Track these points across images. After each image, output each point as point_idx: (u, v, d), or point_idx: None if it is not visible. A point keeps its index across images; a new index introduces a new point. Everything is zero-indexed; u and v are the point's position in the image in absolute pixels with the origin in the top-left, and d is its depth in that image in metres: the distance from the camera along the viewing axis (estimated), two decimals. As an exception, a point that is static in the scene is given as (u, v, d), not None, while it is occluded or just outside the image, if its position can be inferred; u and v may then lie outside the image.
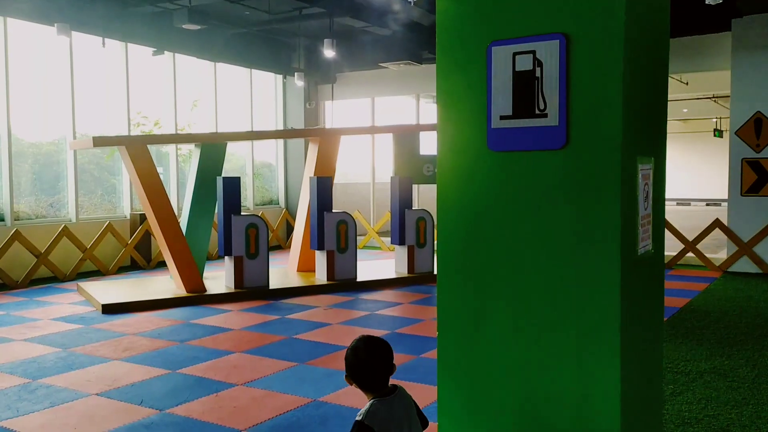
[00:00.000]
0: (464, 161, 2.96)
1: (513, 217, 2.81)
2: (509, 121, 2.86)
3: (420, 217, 9.85)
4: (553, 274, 2.66)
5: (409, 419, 2.57)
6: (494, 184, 2.88)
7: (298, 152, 14.78)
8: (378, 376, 2.53)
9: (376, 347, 2.57)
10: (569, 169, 2.68)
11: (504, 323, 2.78)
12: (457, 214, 2.96)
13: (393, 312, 7.68)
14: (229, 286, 8.63)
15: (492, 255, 2.84)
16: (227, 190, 8.48)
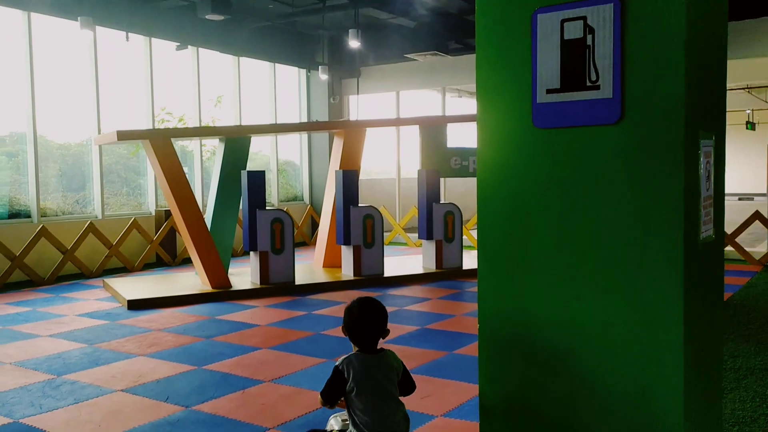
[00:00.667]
0: (507, 140, 2.75)
1: (562, 200, 2.60)
2: (557, 95, 2.65)
3: (448, 211, 9.63)
4: (609, 263, 2.45)
5: (386, 378, 2.70)
6: (540, 164, 2.67)
7: (323, 148, 14.64)
8: (366, 335, 2.72)
9: (368, 309, 2.75)
10: (625, 146, 2.47)
11: (554, 317, 2.57)
12: (500, 197, 2.75)
13: (422, 308, 7.48)
14: (254, 282, 8.50)
15: (539, 242, 2.63)
16: (252, 185, 8.35)
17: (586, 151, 2.62)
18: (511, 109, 2.83)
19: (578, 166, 2.63)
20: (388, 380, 2.71)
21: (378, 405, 2.67)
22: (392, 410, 2.69)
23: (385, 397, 2.69)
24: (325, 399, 2.71)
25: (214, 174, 9.22)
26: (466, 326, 6.46)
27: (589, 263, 2.54)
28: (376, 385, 2.68)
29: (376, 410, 2.66)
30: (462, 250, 9.81)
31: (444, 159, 10.16)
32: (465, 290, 8.49)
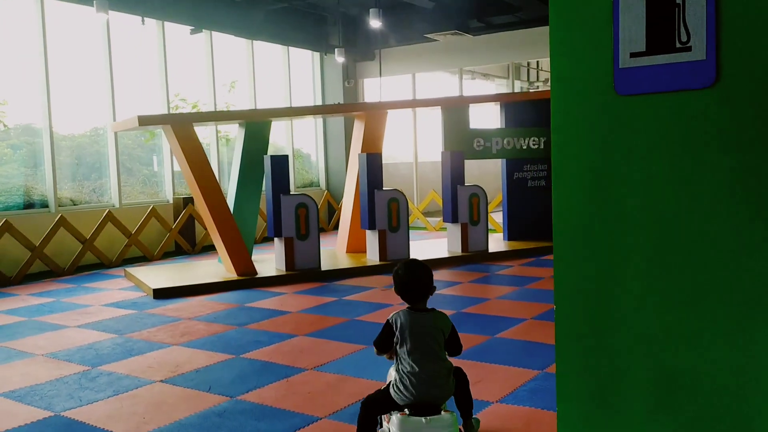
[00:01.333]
0: (585, 109, 2.55)
1: (648, 175, 2.41)
2: (642, 59, 2.45)
3: (473, 193, 9.45)
4: (705, 246, 2.26)
5: (428, 336, 2.94)
6: (624, 135, 2.46)
7: (338, 132, 14.45)
8: (413, 293, 3.00)
9: (414, 269, 3.04)
10: (720, 113, 2.27)
11: (645, 309, 2.39)
12: (577, 173, 2.57)
13: (454, 291, 7.32)
14: (279, 269, 8.36)
15: (624, 222, 2.45)
16: (276, 169, 8.18)
17: (675, 119, 2.42)
18: (590, 75, 2.62)
19: (666, 136, 2.43)
20: (431, 337, 2.94)
21: (419, 358, 2.90)
22: (433, 364, 2.92)
23: (427, 352, 2.92)
24: (376, 347, 3.05)
25: (234, 160, 9.05)
26: (503, 309, 6.31)
27: (679, 253, 2.35)
28: (419, 340, 2.92)
29: (418, 362, 2.90)
30: (488, 233, 9.64)
31: (467, 141, 9.96)
32: (494, 273, 8.33)
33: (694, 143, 2.32)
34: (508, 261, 9.17)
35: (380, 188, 8.85)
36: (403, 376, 2.93)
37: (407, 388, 2.90)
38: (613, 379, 2.52)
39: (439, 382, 2.92)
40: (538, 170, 10.69)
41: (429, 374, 2.90)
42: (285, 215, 8.16)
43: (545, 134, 10.58)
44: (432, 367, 2.91)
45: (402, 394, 2.93)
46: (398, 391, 2.95)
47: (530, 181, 10.65)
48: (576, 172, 2.62)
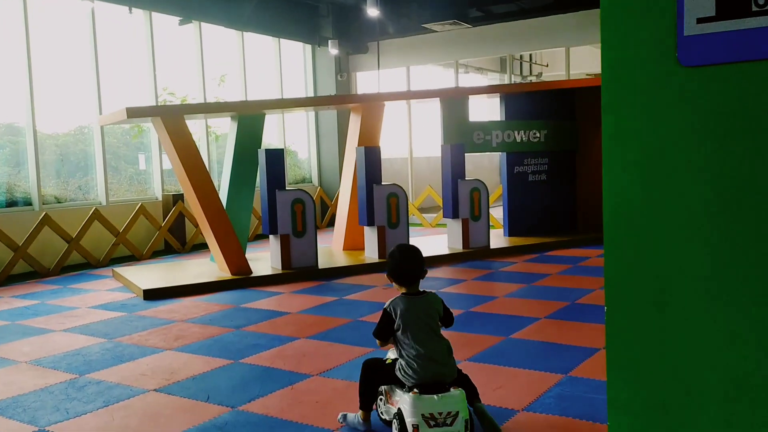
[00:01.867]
0: (642, 82, 2.24)
1: (717, 159, 2.10)
2: (711, 25, 2.14)
3: (474, 187, 9.15)
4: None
5: (428, 317, 3.11)
6: (687, 113, 2.16)
7: (331, 127, 14.11)
8: (407, 275, 3.15)
9: (407, 253, 3.20)
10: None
11: (711, 309, 2.08)
12: (632, 157, 2.26)
13: (458, 289, 7.02)
14: (275, 267, 8.02)
15: (686, 213, 2.14)
16: (271, 164, 7.84)
17: (751, 93, 2.11)
18: (648, 44, 2.30)
19: (738, 113, 2.13)
20: (430, 318, 3.12)
21: (423, 340, 3.07)
22: (435, 343, 3.11)
23: (429, 333, 3.10)
24: (378, 338, 3.20)
25: (227, 155, 8.70)
26: (513, 308, 6.01)
27: (754, 244, 2.05)
28: (420, 322, 3.09)
29: (422, 344, 3.06)
30: (489, 229, 9.35)
31: (466, 134, 9.66)
32: (498, 270, 8.04)
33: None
34: (511, 257, 8.89)
35: (379, 183, 8.54)
36: (409, 360, 3.08)
37: (416, 371, 3.07)
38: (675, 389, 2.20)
39: (444, 360, 3.13)
40: (539, 164, 10.42)
41: (434, 354, 3.08)
42: (281, 211, 7.83)
43: (546, 127, 10.31)
44: (436, 348, 3.10)
45: (410, 377, 3.09)
46: (405, 375, 3.10)
47: (531, 175, 10.37)
48: (631, 157, 2.30)
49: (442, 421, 2.96)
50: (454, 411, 2.97)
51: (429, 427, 2.95)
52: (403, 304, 3.12)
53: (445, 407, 2.97)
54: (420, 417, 2.96)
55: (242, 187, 8.51)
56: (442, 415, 2.96)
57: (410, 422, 2.98)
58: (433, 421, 2.96)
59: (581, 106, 10.55)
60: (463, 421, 2.99)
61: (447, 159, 9.12)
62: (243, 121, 8.49)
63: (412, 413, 2.97)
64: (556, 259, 8.67)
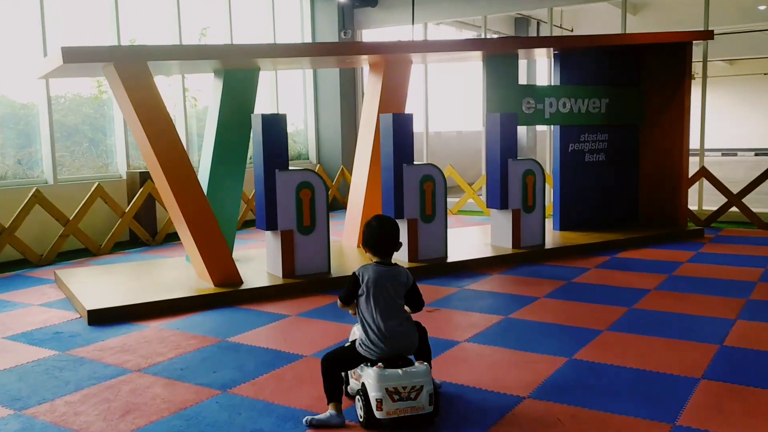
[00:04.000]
0: None
1: None
2: None
3: (528, 169, 7.12)
4: None
5: (393, 289, 3.11)
6: None
7: (331, 92, 11.95)
8: (381, 245, 3.17)
9: (384, 223, 3.23)
10: None
11: None
12: None
13: (535, 314, 5.01)
14: (274, 274, 5.97)
15: None
16: (269, 134, 5.75)
17: None
18: None
19: None
20: (395, 291, 3.11)
21: (384, 310, 3.07)
22: (395, 317, 3.09)
23: (390, 305, 3.09)
24: (342, 300, 3.20)
25: (209, 123, 6.59)
26: (640, 353, 4.02)
27: None
28: (384, 292, 3.08)
29: (383, 315, 3.06)
30: (544, 222, 7.35)
31: (514, 100, 7.61)
32: (571, 281, 6.03)
33: None
34: (575, 261, 6.90)
35: (410, 161, 6.48)
36: (369, 331, 3.06)
37: (376, 343, 3.04)
38: None
39: (405, 333, 3.10)
40: (598, 141, 8.41)
41: (395, 327, 3.06)
42: (282, 199, 5.76)
43: (608, 94, 8.29)
44: (397, 320, 3.08)
45: (371, 350, 3.05)
46: (367, 348, 3.06)
47: (588, 154, 8.36)
48: None
49: (406, 395, 2.92)
50: (419, 385, 2.94)
51: (393, 401, 2.91)
52: (372, 273, 3.11)
53: (409, 381, 2.94)
54: (384, 391, 2.91)
55: (229, 165, 6.43)
56: (406, 389, 2.92)
57: (374, 396, 2.92)
58: (397, 395, 2.91)
59: (649, 69, 8.53)
60: (427, 395, 2.95)
61: (494, 132, 7.06)
62: (230, 78, 6.38)
63: (375, 387, 2.92)
64: (636, 264, 6.70)
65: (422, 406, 2.93)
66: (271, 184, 5.75)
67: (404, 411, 2.92)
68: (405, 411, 2.92)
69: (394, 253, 3.20)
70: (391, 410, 2.90)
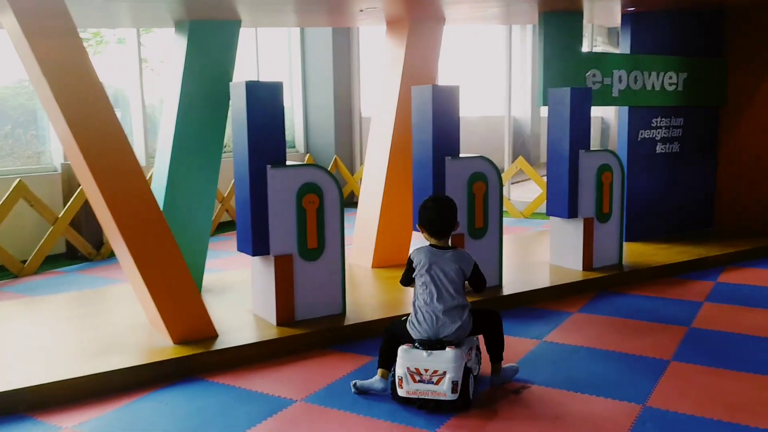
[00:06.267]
0: None
1: None
2: None
3: (604, 164, 5.29)
4: None
5: (449, 274, 3.02)
6: None
7: (323, 62, 9.99)
8: (436, 227, 3.10)
9: (440, 203, 3.17)
10: None
11: None
12: None
13: (684, 401, 3.18)
14: (264, 319, 4.06)
15: None
16: (258, 111, 3.82)
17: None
18: None
19: None
20: (448, 275, 3.02)
21: (433, 293, 3.00)
22: (445, 302, 2.99)
23: (440, 289, 3.01)
24: (402, 283, 3.19)
25: (169, 96, 4.65)
26: None
27: None
28: (435, 277, 3.02)
29: (431, 297, 3.00)
30: (622, 235, 5.53)
31: (575, 72, 5.77)
32: (692, 327, 4.22)
33: None
34: (669, 288, 5.11)
35: (455, 152, 4.60)
36: (417, 310, 3.05)
37: (420, 323, 3.01)
38: None
39: (450, 319, 2.98)
40: (671, 126, 6.62)
41: (440, 311, 2.98)
42: (277, 209, 3.86)
43: (686, 67, 6.49)
44: (444, 305, 2.99)
45: (416, 329, 3.03)
46: (413, 326, 3.04)
47: (660, 144, 6.57)
48: None
49: (428, 378, 2.88)
50: (441, 370, 2.86)
51: (414, 382, 2.89)
52: (425, 256, 3.07)
53: (432, 365, 2.87)
54: (406, 370, 2.90)
55: (196, 155, 4.51)
56: (428, 372, 2.88)
57: (397, 373, 2.93)
58: (419, 376, 2.88)
59: (737, 35, 6.74)
60: (450, 382, 2.85)
61: (560, 114, 5.20)
62: (199, 32, 4.44)
63: (399, 364, 2.93)
64: (758, 295, 4.92)
65: (443, 393, 2.86)
66: (260, 187, 3.83)
67: (424, 393, 2.89)
68: (425, 394, 2.89)
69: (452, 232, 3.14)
70: (411, 390, 2.90)
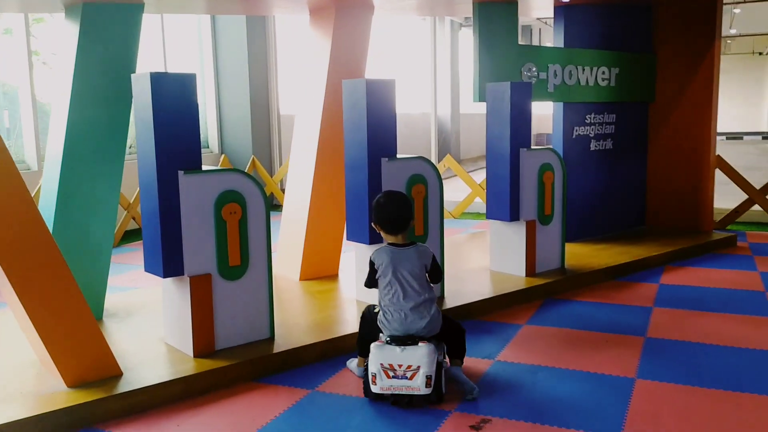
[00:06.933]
0: None
1: None
2: None
3: (545, 163, 4.99)
4: None
5: (412, 271, 3.00)
6: None
7: (237, 54, 9.35)
8: (391, 222, 3.07)
9: (392, 199, 3.12)
10: None
11: None
12: None
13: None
14: (178, 350, 3.49)
15: None
16: (166, 109, 3.24)
17: None
18: None
19: None
20: (410, 272, 3.00)
21: (399, 292, 2.98)
22: (413, 299, 2.97)
23: (405, 286, 2.98)
24: (366, 286, 3.15)
25: (58, 90, 3.99)
26: None
27: None
28: (397, 275, 2.99)
29: (398, 297, 2.97)
30: (564, 237, 5.25)
31: (511, 66, 5.46)
32: (648, 337, 3.95)
33: None
34: (614, 292, 4.88)
35: (392, 154, 4.17)
36: (386, 311, 3.01)
37: (389, 322, 2.98)
38: None
39: (418, 315, 2.96)
40: (604, 123, 6.44)
41: (408, 308, 2.96)
42: (192, 223, 3.30)
43: (618, 61, 6.32)
44: (411, 302, 2.96)
45: (386, 327, 3.00)
46: (383, 324, 3.02)
47: (594, 141, 6.37)
48: None
49: (402, 373, 2.85)
50: (415, 365, 2.85)
51: (388, 378, 2.86)
52: (387, 256, 3.04)
53: (405, 360, 2.86)
54: (379, 366, 2.87)
55: (93, 159, 3.88)
56: (402, 367, 2.85)
57: (370, 370, 2.91)
58: (392, 372, 2.86)
59: (666, 30, 6.64)
60: (424, 377, 2.84)
61: (500, 111, 4.86)
62: (92, 16, 3.81)
63: (372, 361, 2.91)
64: (703, 296, 4.75)
65: (417, 387, 2.84)
66: (171, 197, 3.26)
67: (398, 389, 2.86)
68: (399, 389, 2.86)
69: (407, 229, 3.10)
70: (385, 386, 2.87)
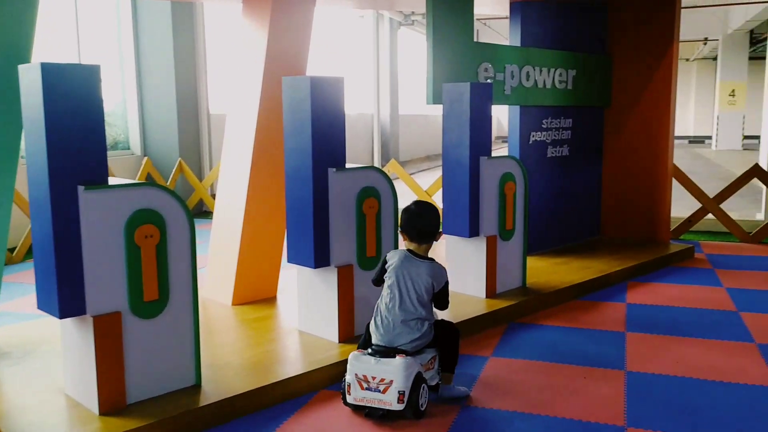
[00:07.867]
0: None
1: None
2: None
3: (507, 173, 4.53)
4: None
5: (417, 284, 2.93)
6: None
7: (161, 44, 8.58)
8: (416, 230, 3.03)
9: (422, 207, 3.08)
10: None
11: None
12: None
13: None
14: (82, 403, 2.83)
15: None
16: (61, 109, 2.58)
17: None
18: None
19: None
20: (415, 284, 2.92)
21: (395, 300, 2.91)
22: (405, 312, 2.89)
23: (403, 293, 2.92)
24: (373, 282, 3.15)
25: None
26: None
27: None
28: (401, 282, 2.93)
29: (392, 303, 2.92)
30: (526, 253, 4.81)
31: (467, 65, 4.98)
32: (629, 371, 3.53)
33: None
34: (581, 314, 4.47)
35: (341, 163, 3.61)
36: (378, 313, 2.97)
37: (378, 327, 2.93)
38: None
39: (407, 329, 2.89)
40: (561, 128, 6.07)
41: (399, 320, 2.90)
42: (95, 250, 2.65)
43: (575, 63, 5.96)
44: (404, 314, 2.90)
45: (374, 333, 2.95)
46: (373, 327, 2.97)
47: (551, 147, 5.99)
48: None
49: (375, 386, 2.78)
50: (388, 379, 2.75)
51: (361, 389, 2.80)
52: (398, 259, 3.00)
53: (378, 373, 2.77)
54: (354, 376, 2.82)
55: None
56: (375, 379, 2.78)
57: (346, 380, 2.86)
58: (366, 383, 2.79)
59: (620, 31, 6.33)
60: (396, 392, 2.74)
61: (458, 114, 4.37)
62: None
63: (349, 371, 2.85)
64: (676, 318, 4.39)
65: (389, 402, 2.74)
66: (69, 218, 2.61)
67: (371, 401, 2.78)
68: (372, 402, 2.78)
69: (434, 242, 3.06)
70: (359, 398, 2.81)
